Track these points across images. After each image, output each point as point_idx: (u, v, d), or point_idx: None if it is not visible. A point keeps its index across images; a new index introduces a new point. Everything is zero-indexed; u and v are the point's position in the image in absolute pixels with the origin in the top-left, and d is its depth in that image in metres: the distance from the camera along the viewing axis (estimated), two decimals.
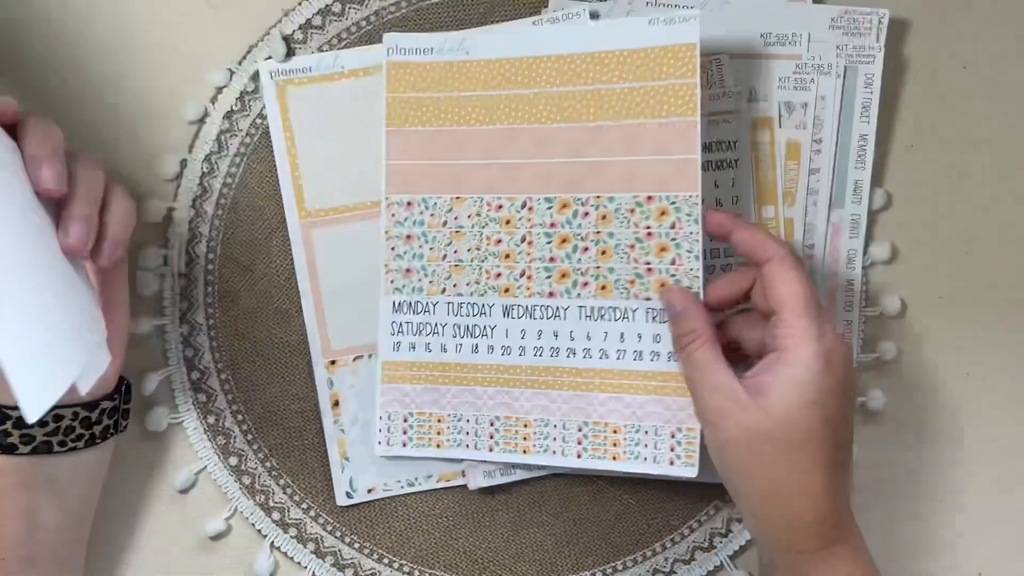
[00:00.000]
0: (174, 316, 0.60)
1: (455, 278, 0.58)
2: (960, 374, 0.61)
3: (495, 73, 0.57)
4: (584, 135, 0.56)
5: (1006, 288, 0.61)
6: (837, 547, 0.50)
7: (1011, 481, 0.62)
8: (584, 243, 0.56)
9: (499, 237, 0.57)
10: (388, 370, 0.58)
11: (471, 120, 0.57)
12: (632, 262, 0.56)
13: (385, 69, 0.58)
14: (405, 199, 0.58)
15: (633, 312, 0.56)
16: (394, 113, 0.58)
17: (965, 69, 0.61)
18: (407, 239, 0.58)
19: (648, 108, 0.55)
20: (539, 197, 0.57)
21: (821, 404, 0.48)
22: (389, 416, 0.58)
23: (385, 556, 0.60)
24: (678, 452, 0.55)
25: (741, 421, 0.49)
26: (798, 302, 0.49)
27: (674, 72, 0.55)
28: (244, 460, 0.60)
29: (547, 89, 0.57)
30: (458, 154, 0.58)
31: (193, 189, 0.60)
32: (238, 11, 0.60)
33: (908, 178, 0.61)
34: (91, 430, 0.52)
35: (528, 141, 0.57)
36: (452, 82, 0.57)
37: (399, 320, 0.58)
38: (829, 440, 0.49)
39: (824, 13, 0.59)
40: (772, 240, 0.52)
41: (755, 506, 0.51)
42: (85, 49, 0.59)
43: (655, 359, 0.55)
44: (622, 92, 0.56)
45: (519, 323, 0.57)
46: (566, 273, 0.57)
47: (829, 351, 0.49)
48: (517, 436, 0.57)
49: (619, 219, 0.56)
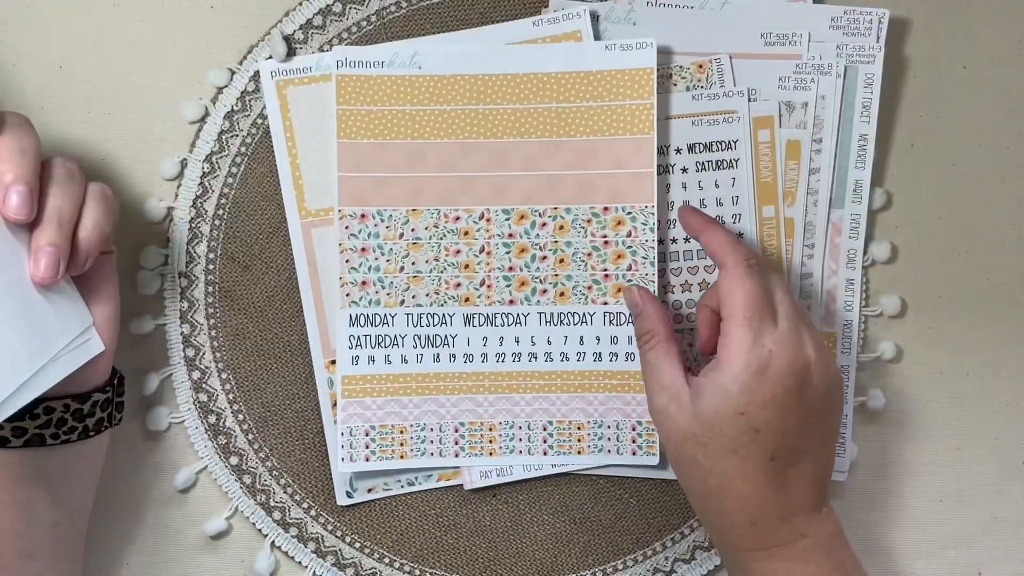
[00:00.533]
0: (174, 316, 0.60)
1: (414, 289, 0.58)
2: (960, 374, 0.61)
3: (448, 89, 0.58)
4: (541, 149, 0.58)
5: (1006, 288, 0.61)
6: (778, 549, 0.50)
7: (1010, 481, 0.62)
8: (542, 252, 0.58)
9: (458, 248, 0.58)
10: (348, 385, 0.59)
11: (426, 134, 0.58)
12: (589, 269, 0.58)
13: (335, 82, 0.58)
14: (359, 211, 0.58)
15: (591, 316, 0.58)
16: (345, 125, 0.58)
17: (965, 69, 0.61)
18: (362, 251, 0.58)
19: (605, 126, 0.57)
20: (497, 209, 0.58)
21: (748, 415, 0.49)
22: (351, 431, 0.59)
23: (386, 556, 0.60)
24: (639, 443, 0.58)
25: (677, 422, 0.51)
26: (738, 311, 0.50)
27: (632, 94, 0.57)
28: (245, 460, 0.60)
29: (503, 106, 0.58)
30: (414, 167, 0.58)
31: (194, 189, 0.60)
32: (238, 11, 0.60)
33: (908, 178, 0.61)
34: (84, 422, 0.52)
35: (484, 155, 0.58)
36: (404, 96, 0.58)
37: (356, 333, 0.58)
38: (760, 450, 0.49)
39: (824, 13, 0.59)
40: (732, 247, 0.52)
41: (693, 503, 0.53)
42: (85, 49, 0.59)
43: (614, 359, 0.58)
44: (579, 111, 0.58)
45: (480, 331, 0.58)
46: (525, 281, 0.58)
47: (763, 362, 0.49)
48: (483, 440, 0.59)
49: (576, 229, 0.58)
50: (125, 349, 0.60)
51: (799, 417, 0.50)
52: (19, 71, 0.59)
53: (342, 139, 0.58)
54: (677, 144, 0.59)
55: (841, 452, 0.60)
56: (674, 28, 0.59)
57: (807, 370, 0.50)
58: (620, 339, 0.58)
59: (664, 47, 0.59)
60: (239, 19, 0.60)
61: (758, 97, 0.59)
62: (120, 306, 0.54)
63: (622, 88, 0.57)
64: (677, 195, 0.59)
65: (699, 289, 0.59)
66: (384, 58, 0.58)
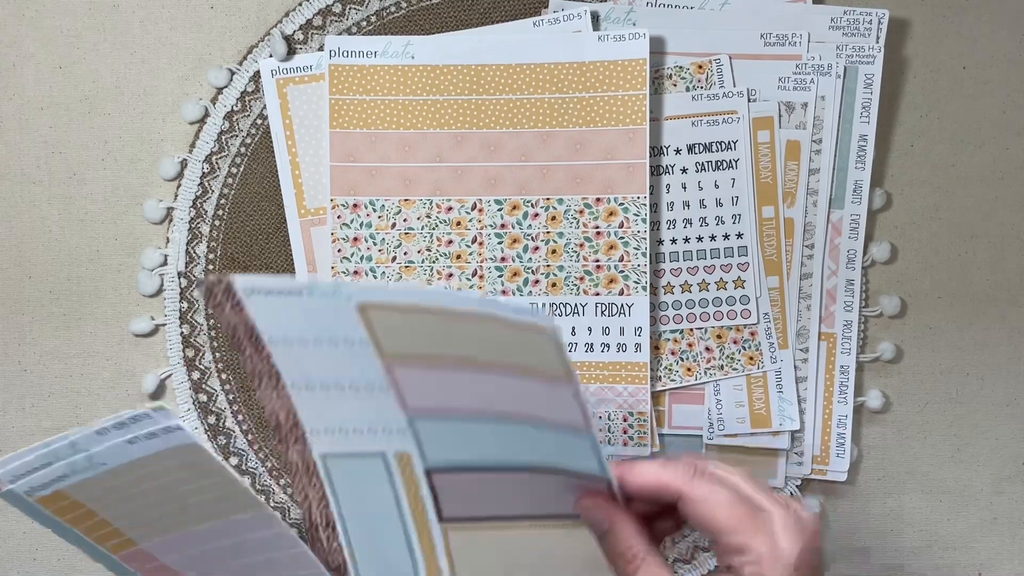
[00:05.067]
0: (174, 316, 0.60)
1: (406, 279, 0.58)
2: (960, 374, 0.61)
3: (441, 78, 0.58)
4: (533, 140, 0.58)
5: (1006, 288, 0.61)
6: None
7: (1010, 481, 0.62)
8: (534, 243, 0.58)
9: (450, 238, 0.58)
10: None
11: (418, 124, 0.58)
12: (581, 260, 0.58)
13: (327, 71, 0.58)
14: (351, 201, 0.58)
15: (583, 307, 0.58)
16: (337, 115, 0.58)
17: (965, 69, 0.61)
18: (354, 241, 0.58)
19: (598, 116, 0.58)
20: (489, 199, 0.58)
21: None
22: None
23: None
24: (631, 434, 0.58)
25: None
26: (736, 519, 0.41)
27: (624, 85, 0.57)
28: (245, 460, 0.60)
29: (495, 96, 0.58)
30: (406, 157, 0.58)
31: (193, 189, 0.60)
32: (238, 11, 0.60)
33: (908, 178, 0.61)
34: None
35: (477, 145, 0.58)
36: (397, 86, 0.58)
37: None
38: None
39: (824, 13, 0.59)
40: (673, 474, 0.42)
41: None
42: (85, 49, 0.59)
43: (605, 350, 0.58)
44: (572, 101, 0.58)
45: None
46: (517, 272, 0.58)
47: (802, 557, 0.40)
48: None
49: (568, 220, 0.58)
50: (125, 349, 0.60)
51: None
52: (19, 71, 0.59)
53: (334, 128, 0.58)
54: (677, 144, 0.59)
55: (841, 452, 0.60)
56: (674, 28, 0.59)
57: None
58: (612, 330, 0.58)
59: (661, 44, 0.59)
60: (239, 19, 0.60)
61: (758, 97, 0.59)
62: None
63: (615, 79, 0.58)
64: (677, 195, 0.59)
65: (699, 289, 0.59)
66: (377, 48, 0.58)
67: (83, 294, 0.60)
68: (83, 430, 0.39)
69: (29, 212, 0.60)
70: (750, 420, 0.59)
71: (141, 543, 0.44)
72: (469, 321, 0.39)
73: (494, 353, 0.39)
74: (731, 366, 0.59)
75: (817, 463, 0.60)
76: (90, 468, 0.40)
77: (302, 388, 0.39)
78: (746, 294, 0.59)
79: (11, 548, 0.60)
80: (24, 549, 0.60)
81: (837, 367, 0.60)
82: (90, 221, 0.60)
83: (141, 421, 0.39)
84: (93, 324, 0.60)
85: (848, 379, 0.60)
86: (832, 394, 0.60)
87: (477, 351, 0.39)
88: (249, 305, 0.39)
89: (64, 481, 0.40)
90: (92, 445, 0.39)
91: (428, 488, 0.43)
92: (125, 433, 0.39)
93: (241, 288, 0.38)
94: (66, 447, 0.39)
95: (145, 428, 0.39)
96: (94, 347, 0.60)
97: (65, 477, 0.40)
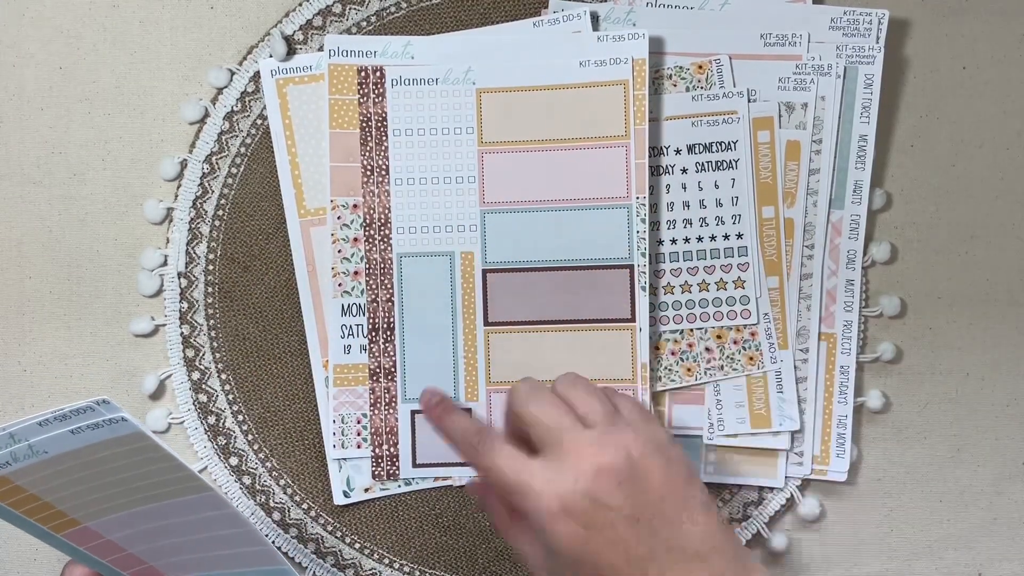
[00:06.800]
0: (174, 316, 0.60)
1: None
2: (960, 374, 0.61)
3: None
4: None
5: (1006, 288, 0.61)
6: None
7: (1010, 481, 0.62)
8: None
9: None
10: (339, 373, 0.59)
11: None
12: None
13: (327, 71, 0.58)
14: (351, 201, 0.58)
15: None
16: (337, 115, 0.58)
17: (965, 69, 0.61)
18: (354, 241, 0.58)
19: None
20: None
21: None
22: (342, 419, 0.59)
23: (386, 556, 0.60)
24: None
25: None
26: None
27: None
28: (244, 460, 0.60)
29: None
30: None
31: (193, 190, 0.60)
32: (238, 11, 0.60)
33: (908, 178, 0.61)
34: None
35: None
36: None
37: (348, 323, 0.58)
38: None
39: (824, 13, 0.59)
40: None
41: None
42: (85, 49, 0.59)
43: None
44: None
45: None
46: None
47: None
48: None
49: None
50: (125, 349, 0.60)
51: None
52: (19, 71, 0.59)
53: (334, 128, 0.58)
54: (677, 145, 0.59)
55: (841, 453, 0.60)
56: (674, 28, 0.59)
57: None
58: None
59: (661, 44, 0.59)
60: (239, 19, 0.60)
61: (758, 98, 0.59)
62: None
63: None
64: (677, 195, 0.59)
65: (699, 290, 0.59)
66: (377, 48, 0.58)
67: (83, 294, 0.60)
68: (24, 421, 0.39)
69: (29, 212, 0.60)
70: (750, 420, 0.59)
71: (86, 522, 0.44)
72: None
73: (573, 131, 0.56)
74: (731, 366, 0.59)
75: (817, 463, 0.60)
76: (32, 455, 0.40)
77: (405, 182, 0.54)
78: (746, 294, 0.59)
79: (11, 548, 0.60)
80: (24, 549, 0.60)
81: (837, 367, 0.60)
82: (90, 221, 0.60)
83: (84, 413, 0.39)
84: (93, 324, 0.60)
85: (848, 379, 0.60)
86: (832, 394, 0.60)
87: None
88: (391, 95, 0.54)
89: (6, 468, 0.41)
90: (32, 436, 0.40)
91: (482, 291, 0.56)
92: (67, 424, 0.39)
93: (390, 76, 0.55)
94: (5, 437, 0.40)
95: (88, 420, 0.39)
96: (94, 347, 0.60)
97: (7, 465, 0.41)
